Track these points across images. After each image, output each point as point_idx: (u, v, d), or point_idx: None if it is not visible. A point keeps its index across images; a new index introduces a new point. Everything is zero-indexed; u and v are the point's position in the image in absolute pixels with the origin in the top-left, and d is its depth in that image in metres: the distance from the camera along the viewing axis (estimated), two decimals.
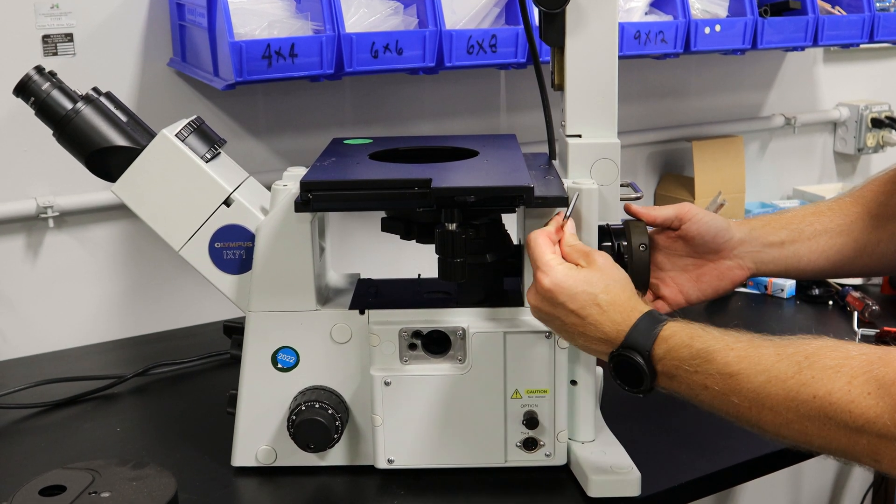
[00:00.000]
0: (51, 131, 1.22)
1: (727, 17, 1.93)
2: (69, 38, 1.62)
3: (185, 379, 1.56)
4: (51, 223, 1.64)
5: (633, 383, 1.02)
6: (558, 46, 1.19)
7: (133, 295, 1.76)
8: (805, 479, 2.57)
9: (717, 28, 1.87)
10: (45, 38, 1.60)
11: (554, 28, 1.18)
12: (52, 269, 1.68)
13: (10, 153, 1.62)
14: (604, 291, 1.03)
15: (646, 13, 1.85)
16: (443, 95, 1.95)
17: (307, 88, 1.80)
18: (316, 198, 1.10)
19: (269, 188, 1.23)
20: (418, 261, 1.33)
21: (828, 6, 2.08)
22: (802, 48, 2.02)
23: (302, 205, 1.11)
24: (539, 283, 1.06)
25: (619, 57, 1.78)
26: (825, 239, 1.27)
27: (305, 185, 1.10)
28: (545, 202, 1.11)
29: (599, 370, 1.45)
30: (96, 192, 1.64)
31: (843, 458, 0.89)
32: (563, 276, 1.04)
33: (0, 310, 1.66)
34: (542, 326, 1.16)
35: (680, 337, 0.99)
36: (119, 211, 1.60)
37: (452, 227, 1.09)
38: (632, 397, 1.41)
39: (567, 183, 1.16)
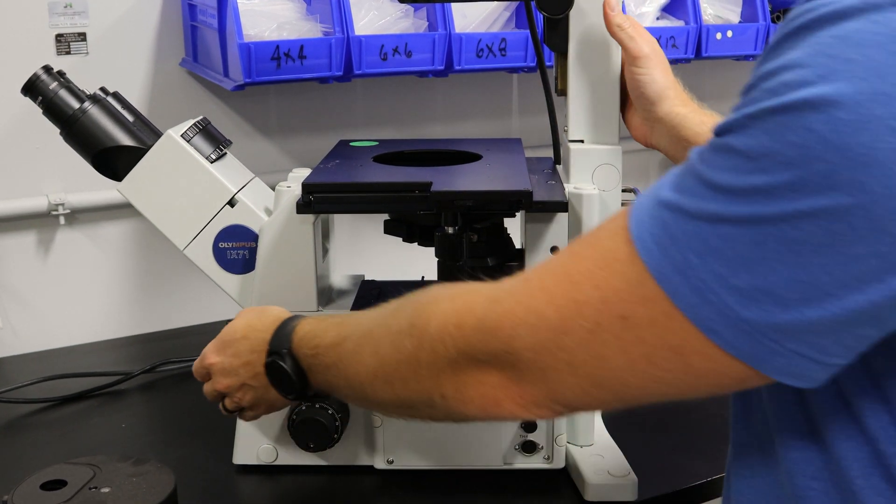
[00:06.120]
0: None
1: (739, 22, 1.93)
2: (82, 37, 1.64)
3: (192, 377, 1.55)
4: (62, 220, 1.66)
5: (287, 388, 1.00)
6: (561, 52, 1.20)
7: (143, 292, 1.78)
8: None
9: (729, 34, 1.87)
10: (59, 37, 1.62)
11: (557, 33, 1.18)
12: (63, 266, 1.70)
13: (23, 151, 1.64)
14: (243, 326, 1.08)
15: (657, 18, 1.85)
16: (454, 98, 1.96)
17: (318, 90, 1.81)
18: (317, 200, 1.11)
19: (275, 189, 1.24)
20: (429, 263, 1.33)
21: None
22: None
23: (303, 206, 1.12)
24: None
25: None
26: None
27: (307, 186, 1.11)
28: (544, 207, 1.11)
29: None
30: (107, 190, 1.65)
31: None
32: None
33: (11, 305, 1.68)
34: None
35: (308, 327, 0.98)
36: (130, 209, 1.61)
37: (452, 230, 1.10)
38: None
39: (568, 188, 1.17)
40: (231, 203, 1.22)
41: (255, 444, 1.23)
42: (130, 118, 1.23)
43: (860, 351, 0.66)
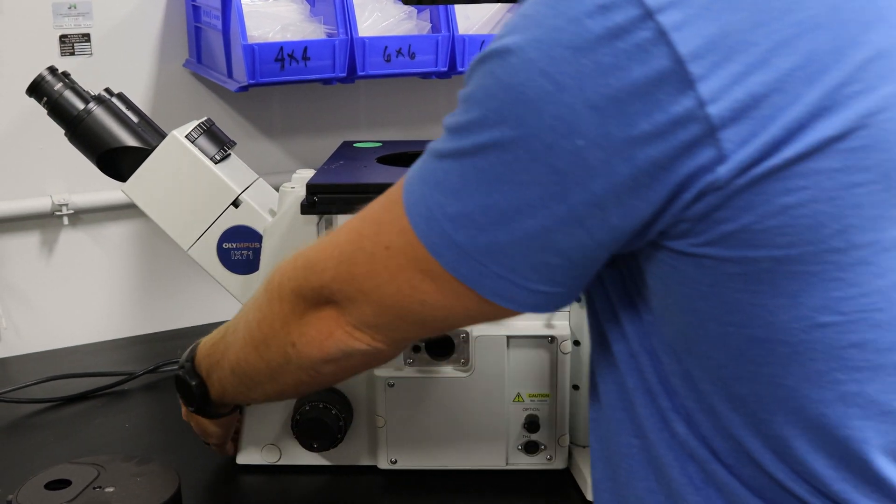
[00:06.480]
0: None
1: None
2: (86, 38, 1.64)
3: None
4: (65, 221, 1.66)
5: (188, 398, 1.04)
6: None
7: (146, 293, 1.78)
8: None
9: None
10: (63, 38, 1.63)
11: None
12: (67, 266, 1.71)
13: (27, 151, 1.64)
14: None
15: None
16: (457, 99, 1.96)
17: (321, 91, 1.81)
18: (321, 200, 1.12)
19: (279, 190, 1.24)
20: None
21: None
22: None
23: (307, 207, 1.12)
24: None
25: None
26: None
27: (311, 187, 1.12)
28: None
29: None
30: (111, 190, 1.65)
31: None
32: None
33: (14, 305, 1.69)
34: (544, 331, 1.17)
35: (209, 335, 1.03)
36: (133, 209, 1.62)
37: None
38: None
39: None
40: (235, 204, 1.22)
41: (258, 443, 1.23)
42: (135, 119, 1.24)
43: (559, 280, 0.72)
